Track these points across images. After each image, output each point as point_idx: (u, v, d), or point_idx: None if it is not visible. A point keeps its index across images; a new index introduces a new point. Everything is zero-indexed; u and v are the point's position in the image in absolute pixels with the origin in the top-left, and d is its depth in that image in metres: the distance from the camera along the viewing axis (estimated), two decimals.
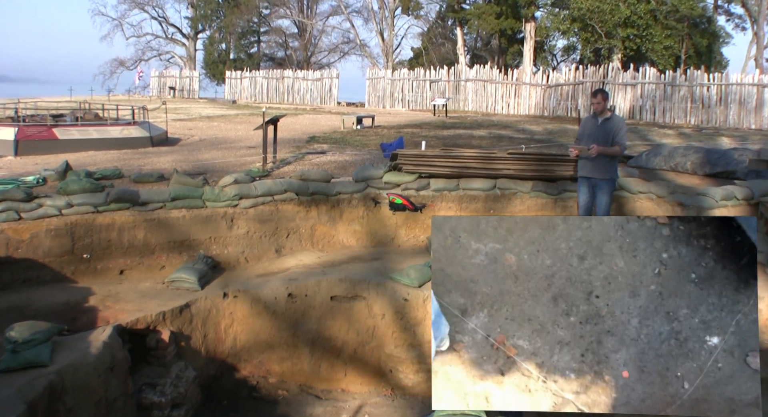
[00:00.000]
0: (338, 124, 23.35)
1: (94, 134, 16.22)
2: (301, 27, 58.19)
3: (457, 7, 43.52)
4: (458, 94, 36.07)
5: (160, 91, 45.84)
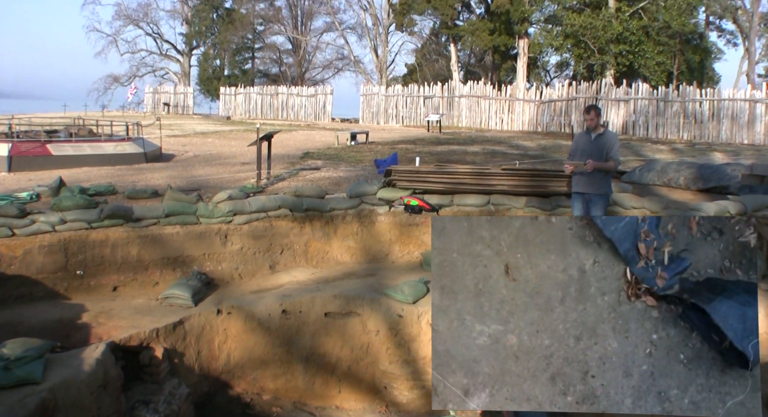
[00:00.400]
0: (332, 140, 23.37)
1: (88, 150, 16.20)
2: (295, 43, 58.39)
3: (450, 24, 43.69)
4: (452, 110, 36.15)
5: (155, 107, 45.88)
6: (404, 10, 44.30)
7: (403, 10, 44.33)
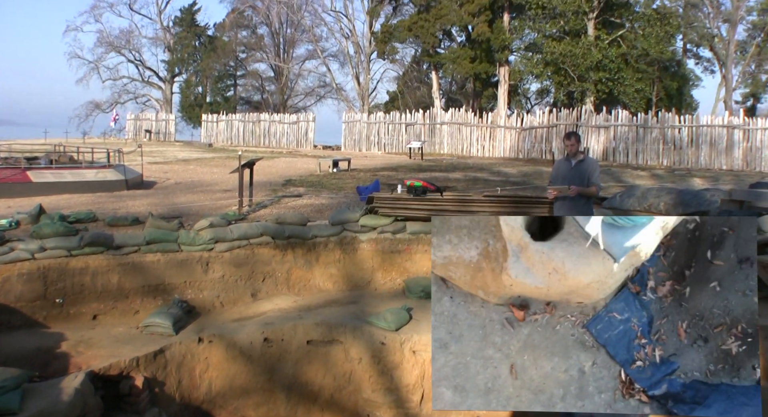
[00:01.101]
0: (314, 167, 23.39)
1: (69, 177, 16.12)
2: (277, 71, 58.59)
3: (432, 52, 44.01)
4: (434, 137, 36.30)
5: (136, 134, 45.80)
6: (386, 38, 44.61)
7: (384, 38, 44.64)
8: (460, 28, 44.92)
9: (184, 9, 59.67)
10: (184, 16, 59.41)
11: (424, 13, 42.13)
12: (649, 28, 35.96)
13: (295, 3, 53.37)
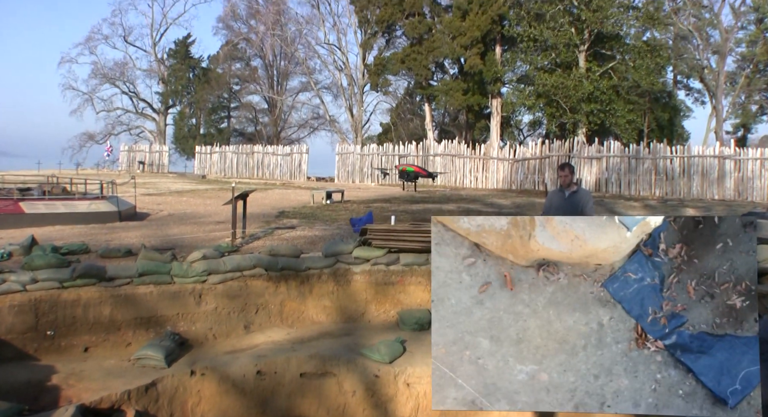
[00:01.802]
0: (308, 198, 23.39)
1: (62, 208, 16.07)
2: (271, 103, 58.86)
3: (425, 84, 44.30)
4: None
5: (129, 165, 45.83)
6: (379, 70, 44.95)
7: (377, 70, 44.98)
8: (453, 61, 45.30)
9: (178, 41, 60.13)
10: (179, 49, 59.79)
11: (417, 46, 42.48)
12: (640, 60, 36.31)
13: (289, 36, 53.79)
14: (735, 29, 45.33)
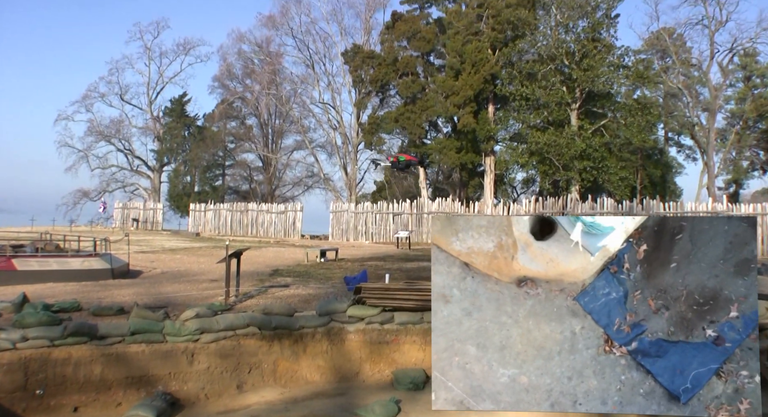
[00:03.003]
0: (302, 257, 23.33)
1: (54, 266, 15.99)
2: (265, 161, 59.16)
3: (418, 142, 44.64)
4: (421, 226, 36.45)
5: (123, 222, 45.78)
6: (373, 129, 45.36)
7: (371, 129, 45.39)
8: (446, 120, 45.76)
9: (174, 100, 60.65)
10: (174, 107, 60.29)
11: (411, 105, 42.94)
12: (631, 118, 36.78)
13: (284, 95, 54.40)
14: (724, 87, 46.09)
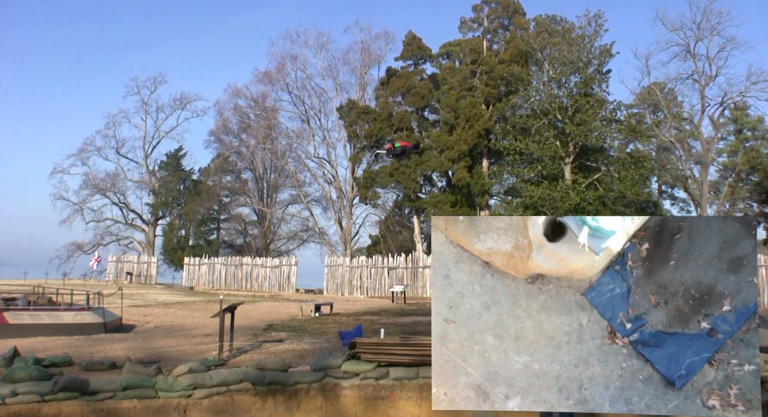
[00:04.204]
0: (296, 311, 23.20)
1: (47, 319, 15.87)
2: (260, 215, 59.23)
3: (413, 197, 44.82)
4: (416, 280, 36.36)
5: (117, 276, 45.62)
6: (368, 183, 45.55)
7: (366, 183, 45.58)
8: (441, 174, 46.02)
9: (170, 154, 60.98)
10: (170, 161, 60.58)
11: (405, 160, 43.19)
12: (625, 171, 37.04)
13: (280, 149, 54.64)
14: (716, 140, 46.52)
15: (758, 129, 47.93)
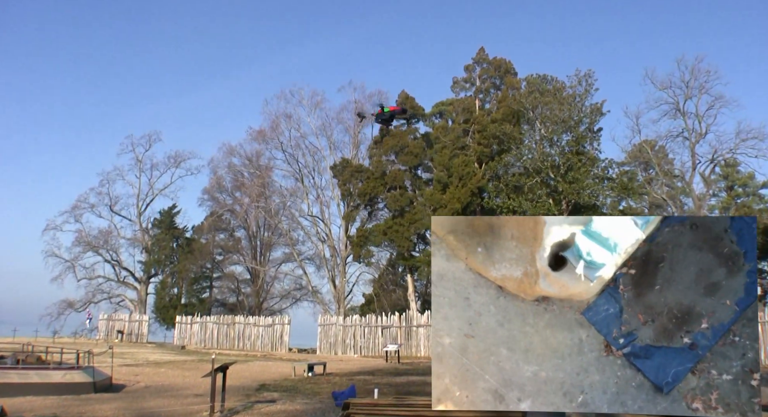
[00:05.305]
0: (289, 371, 22.96)
1: (35, 378, 15.65)
2: (253, 273, 58.99)
3: (407, 255, 44.77)
4: (410, 339, 36.08)
5: (108, 334, 45.23)
6: (361, 242, 45.53)
7: (360, 242, 45.56)
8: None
9: (163, 211, 60.98)
10: (164, 218, 60.56)
11: (399, 218, 43.31)
12: None
13: (273, 207, 54.74)
14: (707, 196, 46.83)
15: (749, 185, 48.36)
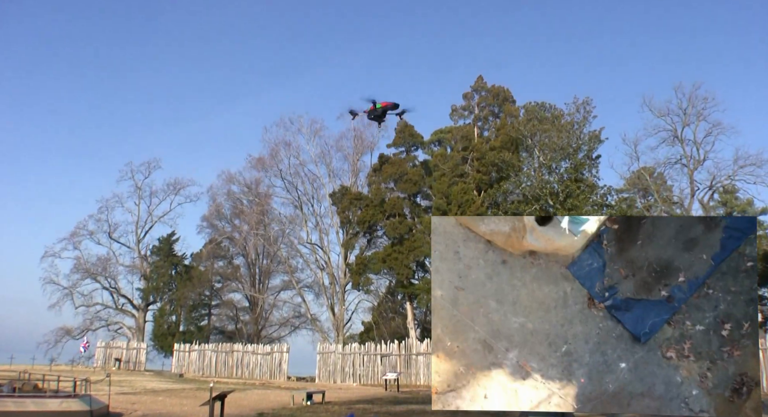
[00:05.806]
0: (288, 399, 22.79)
1: (31, 407, 15.53)
2: (252, 301, 58.78)
3: (406, 283, 44.64)
4: (410, 367, 35.88)
5: (105, 362, 44.99)
6: (360, 269, 45.43)
7: (359, 269, 45.47)
8: None
9: (162, 238, 60.83)
10: (162, 246, 60.41)
11: (398, 246, 43.25)
12: None
13: (272, 235, 54.66)
14: None
15: (748, 212, 48.22)
